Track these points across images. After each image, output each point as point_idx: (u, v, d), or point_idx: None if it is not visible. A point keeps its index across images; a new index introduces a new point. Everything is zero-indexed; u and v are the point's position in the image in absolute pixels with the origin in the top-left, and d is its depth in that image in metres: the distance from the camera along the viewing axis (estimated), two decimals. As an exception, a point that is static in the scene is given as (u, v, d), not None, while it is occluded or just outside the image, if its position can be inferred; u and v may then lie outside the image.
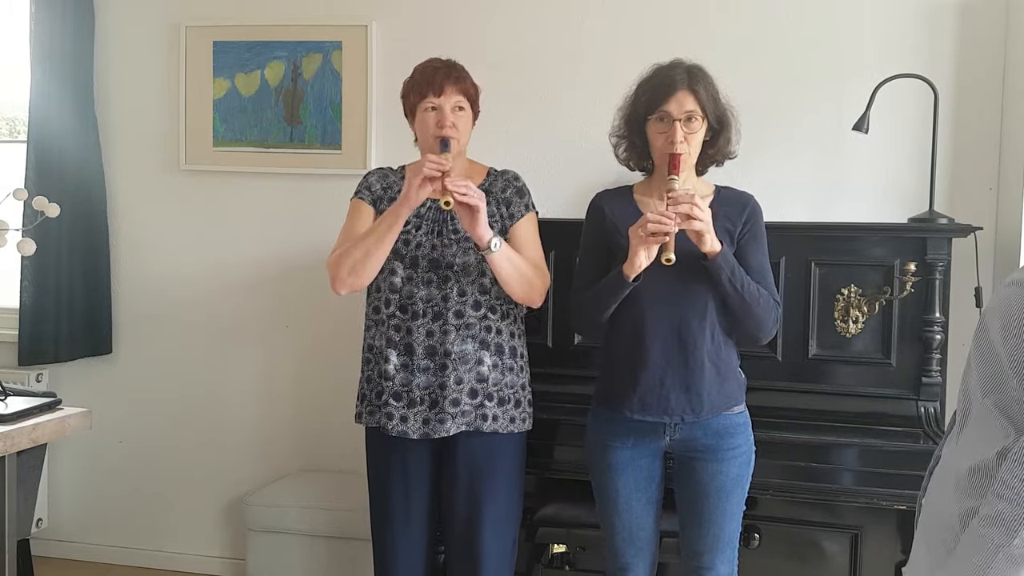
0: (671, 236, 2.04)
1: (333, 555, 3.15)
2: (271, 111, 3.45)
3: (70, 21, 3.45)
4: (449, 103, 2.34)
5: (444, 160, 2.19)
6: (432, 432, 2.32)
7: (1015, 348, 1.22)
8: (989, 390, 1.28)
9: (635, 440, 2.23)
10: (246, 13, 3.46)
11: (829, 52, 3.02)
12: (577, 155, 3.18)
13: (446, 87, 2.34)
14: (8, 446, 2.25)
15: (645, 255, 2.08)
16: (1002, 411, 1.25)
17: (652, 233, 2.04)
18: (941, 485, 1.35)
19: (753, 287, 2.16)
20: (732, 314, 2.19)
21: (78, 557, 3.70)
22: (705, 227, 2.07)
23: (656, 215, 2.05)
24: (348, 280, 2.30)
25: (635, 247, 2.08)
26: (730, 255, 2.14)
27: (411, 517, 2.42)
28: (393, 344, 2.35)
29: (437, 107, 2.34)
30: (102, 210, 3.57)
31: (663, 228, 2.03)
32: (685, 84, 2.17)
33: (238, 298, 3.53)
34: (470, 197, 2.17)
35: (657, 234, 2.04)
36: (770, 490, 2.52)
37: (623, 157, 2.35)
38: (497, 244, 2.24)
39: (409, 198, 2.22)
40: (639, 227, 2.07)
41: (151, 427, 3.62)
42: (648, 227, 2.04)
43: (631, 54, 2.91)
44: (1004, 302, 1.27)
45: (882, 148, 2.98)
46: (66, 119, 3.45)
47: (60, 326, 3.49)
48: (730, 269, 2.12)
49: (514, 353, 2.42)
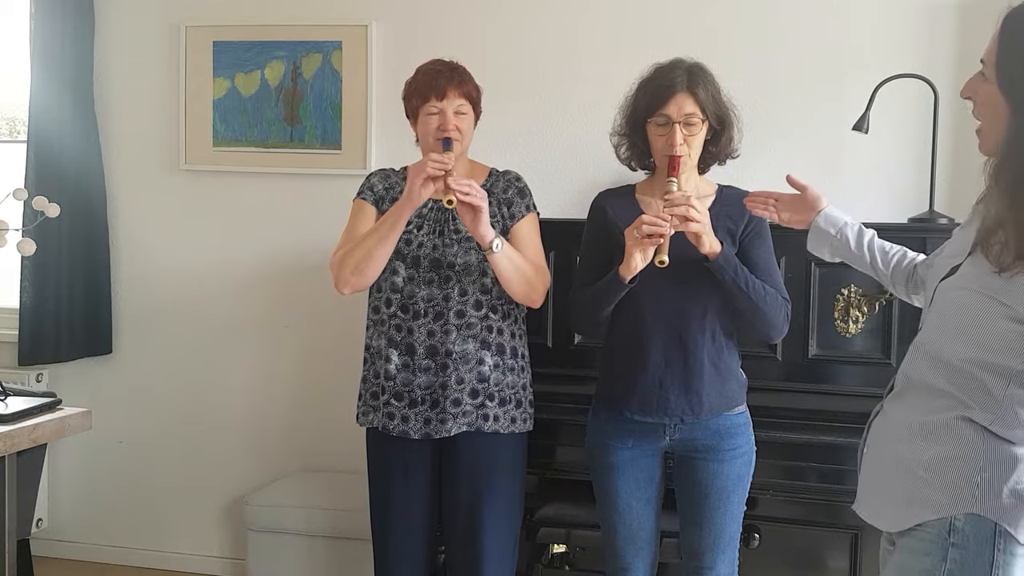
0: (666, 238, 2.04)
1: (333, 555, 3.15)
2: (271, 111, 3.45)
3: (70, 21, 3.45)
4: (451, 106, 2.34)
5: (446, 159, 2.20)
6: (433, 432, 2.32)
7: (975, 352, 1.46)
8: (938, 358, 1.52)
9: (635, 440, 2.23)
10: (246, 13, 3.46)
11: (829, 52, 3.02)
12: (577, 155, 3.19)
13: (448, 90, 2.33)
14: (8, 446, 2.24)
15: (641, 257, 2.08)
16: (949, 381, 1.49)
17: (647, 235, 2.04)
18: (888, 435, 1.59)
19: (759, 285, 2.15)
20: (741, 315, 2.19)
21: (78, 557, 3.70)
22: (702, 228, 2.07)
23: (651, 217, 2.06)
24: (351, 280, 2.31)
25: (630, 249, 2.08)
26: (732, 255, 2.14)
27: (411, 517, 2.41)
28: (394, 344, 2.35)
29: (439, 111, 2.34)
30: (102, 210, 3.57)
31: (658, 230, 2.03)
32: (684, 86, 2.16)
33: (238, 298, 3.53)
34: (473, 196, 2.17)
35: (652, 236, 2.04)
36: (770, 490, 2.52)
37: (625, 157, 2.35)
38: (499, 244, 2.24)
39: (411, 198, 2.22)
40: (634, 228, 2.07)
41: (151, 427, 3.62)
42: (643, 228, 2.04)
43: (631, 54, 2.90)
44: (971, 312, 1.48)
45: (882, 148, 2.98)
46: (66, 119, 3.45)
47: (60, 326, 3.48)
48: (732, 269, 2.11)
49: (515, 353, 2.42)
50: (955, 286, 1.52)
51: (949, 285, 1.54)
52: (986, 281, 1.44)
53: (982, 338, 1.45)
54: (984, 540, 1.45)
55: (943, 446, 1.49)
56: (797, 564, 2.71)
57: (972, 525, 1.45)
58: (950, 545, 1.46)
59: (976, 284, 1.47)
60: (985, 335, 1.44)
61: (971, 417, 1.47)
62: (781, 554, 2.68)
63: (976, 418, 1.47)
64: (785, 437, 2.54)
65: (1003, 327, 1.42)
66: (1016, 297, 1.41)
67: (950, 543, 1.46)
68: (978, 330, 1.45)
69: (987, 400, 1.46)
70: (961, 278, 1.52)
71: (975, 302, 1.46)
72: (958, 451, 1.48)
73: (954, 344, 1.48)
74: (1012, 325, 1.41)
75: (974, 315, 1.46)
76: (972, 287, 1.48)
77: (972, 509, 1.45)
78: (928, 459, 1.50)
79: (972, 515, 1.46)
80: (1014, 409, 1.44)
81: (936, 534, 1.48)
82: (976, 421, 1.47)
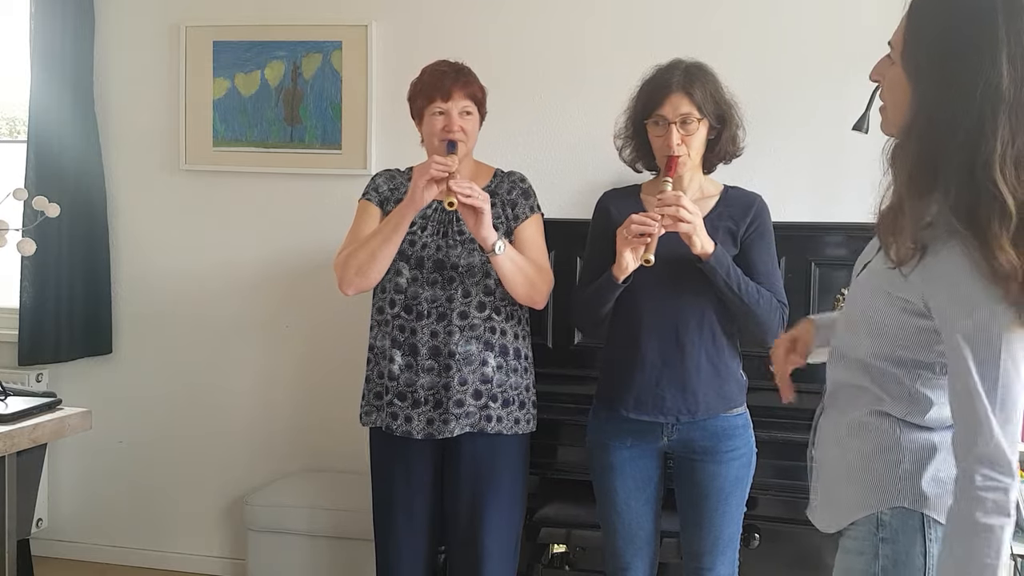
0: (654, 238, 2.05)
1: (334, 555, 3.15)
2: (271, 111, 3.45)
3: (70, 21, 3.45)
4: (457, 108, 2.34)
5: (450, 161, 2.20)
6: (436, 433, 2.32)
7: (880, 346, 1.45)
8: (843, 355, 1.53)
9: (633, 440, 2.23)
10: (246, 13, 3.46)
11: (829, 52, 3.02)
12: (578, 155, 3.18)
13: (454, 92, 2.33)
14: (8, 446, 2.24)
15: (632, 256, 2.09)
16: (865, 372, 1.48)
17: (637, 234, 2.06)
18: (829, 438, 1.56)
19: (752, 288, 2.16)
20: (734, 316, 2.19)
21: (78, 557, 3.70)
22: (692, 229, 2.07)
23: (640, 216, 2.07)
24: (355, 281, 2.31)
25: (621, 248, 2.10)
26: (724, 257, 2.14)
27: (414, 517, 2.42)
28: (397, 344, 2.35)
29: (445, 112, 2.34)
30: (102, 210, 3.57)
31: (647, 229, 2.05)
32: (680, 87, 2.15)
33: (238, 298, 3.53)
34: (474, 199, 2.17)
35: (642, 235, 2.05)
36: (770, 490, 2.53)
37: (630, 159, 2.34)
38: (501, 247, 2.25)
39: (415, 199, 2.22)
40: (624, 228, 2.09)
41: (151, 427, 3.62)
42: (632, 228, 2.06)
43: (633, 54, 2.90)
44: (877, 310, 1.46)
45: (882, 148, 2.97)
46: (66, 119, 3.45)
47: (60, 326, 3.48)
48: (724, 271, 2.11)
49: (518, 354, 2.42)
50: (862, 283, 1.51)
51: (858, 282, 1.53)
52: (886, 277, 1.41)
53: (888, 334, 1.42)
54: (913, 532, 1.42)
55: (864, 442, 1.47)
56: (797, 564, 2.71)
57: (898, 518, 1.43)
58: (879, 540, 1.44)
59: (878, 280, 1.45)
60: (891, 331, 1.42)
61: (886, 410, 1.45)
62: (781, 554, 2.68)
63: (891, 410, 1.45)
64: (785, 437, 2.53)
65: (905, 321, 1.40)
66: (912, 291, 1.37)
67: (879, 538, 1.44)
68: (883, 326, 1.43)
69: (899, 390, 1.43)
70: (868, 274, 1.50)
71: (879, 299, 1.43)
72: (877, 445, 1.46)
73: (864, 341, 1.46)
74: (914, 320, 1.38)
75: (878, 311, 1.43)
76: (874, 283, 1.46)
77: (896, 503, 1.43)
78: (851, 457, 1.49)
79: (897, 508, 1.43)
80: (926, 396, 1.42)
81: (866, 531, 1.46)
82: (891, 414, 1.45)
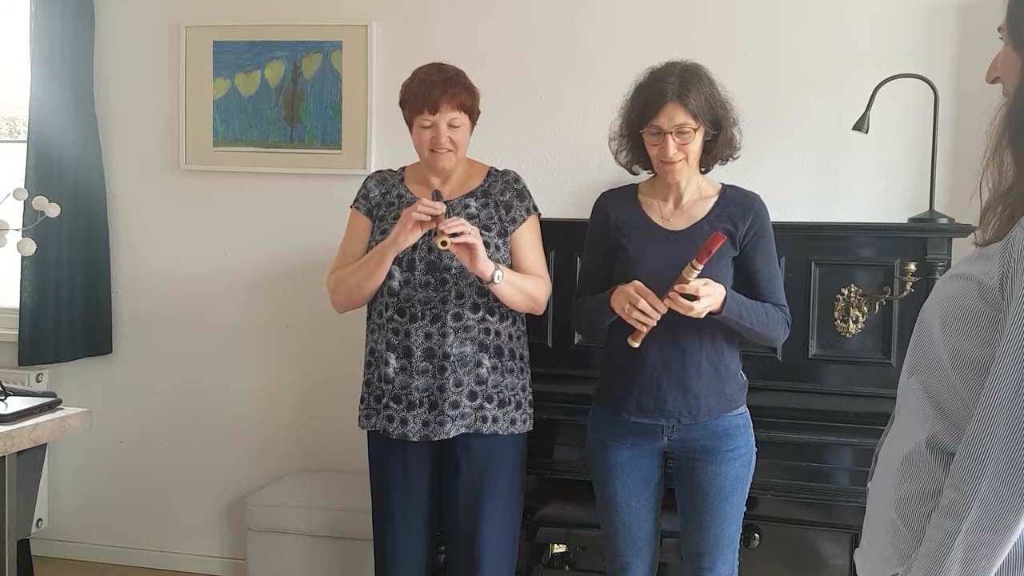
0: (648, 328, 2.09)
1: (333, 555, 3.15)
2: (271, 111, 3.45)
3: (70, 21, 3.45)
4: (444, 119, 2.31)
5: (436, 207, 2.18)
6: (432, 434, 2.32)
7: (953, 339, 1.25)
8: (915, 369, 1.33)
9: (633, 440, 2.24)
10: (246, 13, 3.46)
11: (829, 52, 3.02)
12: (576, 155, 3.18)
13: (441, 104, 2.30)
14: (8, 446, 2.25)
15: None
16: (925, 389, 1.30)
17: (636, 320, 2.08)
18: (883, 470, 1.40)
19: (760, 312, 2.17)
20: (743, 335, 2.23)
21: (78, 557, 3.70)
22: (702, 312, 2.06)
23: (647, 305, 2.06)
24: (346, 304, 2.43)
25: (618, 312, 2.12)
26: (734, 304, 2.12)
27: (412, 518, 2.42)
28: (392, 347, 2.35)
29: (432, 124, 2.31)
30: (102, 210, 3.57)
31: (647, 321, 2.07)
32: (675, 97, 2.11)
33: (238, 298, 3.53)
34: (466, 236, 2.16)
35: (644, 326, 2.08)
36: (770, 490, 2.52)
37: (625, 162, 2.32)
38: (500, 276, 2.24)
39: (398, 242, 2.22)
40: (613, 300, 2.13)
41: (151, 427, 3.62)
42: (634, 314, 2.07)
43: (629, 54, 2.91)
44: (946, 294, 1.30)
45: (882, 148, 2.98)
46: (66, 119, 3.45)
47: (60, 326, 3.48)
48: (736, 315, 2.12)
49: (513, 355, 2.42)
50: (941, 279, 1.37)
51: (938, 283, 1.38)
52: (965, 261, 1.28)
53: (954, 320, 1.26)
54: None
55: (911, 483, 1.29)
56: (797, 564, 2.71)
57: None
58: None
59: (957, 269, 1.32)
60: (958, 316, 1.25)
61: (936, 441, 1.26)
62: (781, 554, 2.68)
63: (941, 440, 1.26)
64: (785, 437, 2.54)
65: (971, 306, 1.23)
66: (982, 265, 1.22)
67: None
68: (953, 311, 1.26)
69: (955, 406, 1.25)
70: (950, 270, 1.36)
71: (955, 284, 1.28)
72: (923, 487, 1.27)
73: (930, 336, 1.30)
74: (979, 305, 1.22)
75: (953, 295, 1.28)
76: (953, 272, 1.33)
77: None
78: (897, 498, 1.31)
79: None
80: None
81: None
82: (941, 445, 1.26)
